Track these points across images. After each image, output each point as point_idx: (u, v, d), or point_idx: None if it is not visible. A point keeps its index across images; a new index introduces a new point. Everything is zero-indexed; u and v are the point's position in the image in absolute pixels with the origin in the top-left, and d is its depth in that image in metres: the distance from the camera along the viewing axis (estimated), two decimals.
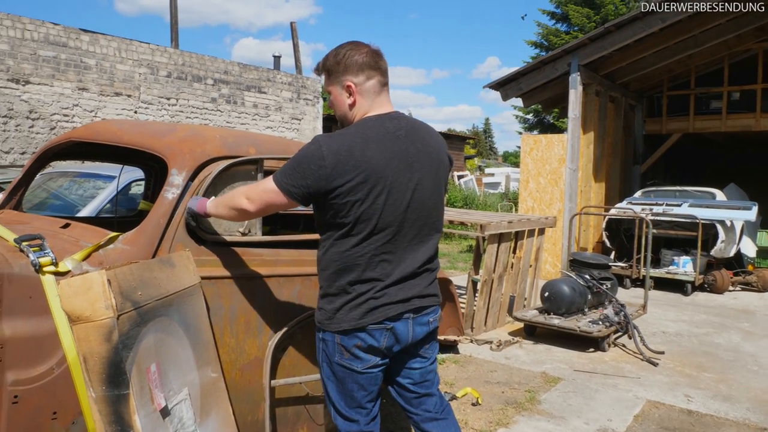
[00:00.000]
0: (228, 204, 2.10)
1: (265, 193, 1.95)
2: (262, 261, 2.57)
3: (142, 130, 2.68)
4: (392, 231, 1.89)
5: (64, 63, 8.26)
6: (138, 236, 2.29)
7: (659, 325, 6.33)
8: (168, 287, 1.98)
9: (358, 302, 1.90)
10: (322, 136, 1.89)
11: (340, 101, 1.99)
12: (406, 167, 1.90)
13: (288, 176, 1.89)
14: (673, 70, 10.82)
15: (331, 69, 1.98)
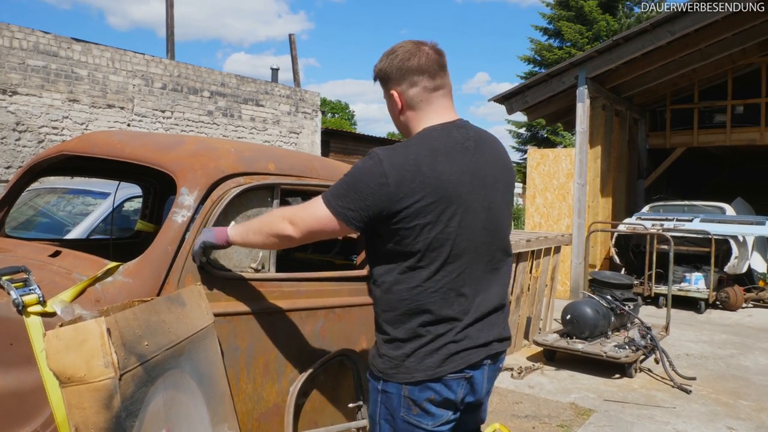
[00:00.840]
0: (264, 230, 1.75)
1: (314, 218, 1.62)
2: (282, 293, 2.24)
3: (146, 143, 2.36)
4: (468, 259, 1.61)
5: (54, 73, 7.92)
6: (142, 267, 1.96)
7: (680, 346, 6.04)
8: (178, 332, 1.64)
9: (435, 347, 1.58)
10: (381, 149, 1.59)
11: (391, 110, 1.77)
12: (479, 183, 1.63)
13: (342, 198, 1.57)
14: (677, 84, 10.67)
15: (378, 77, 1.75)
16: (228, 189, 2.15)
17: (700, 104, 10.85)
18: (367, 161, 1.57)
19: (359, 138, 18.78)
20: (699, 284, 8.32)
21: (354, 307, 2.47)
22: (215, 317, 2.01)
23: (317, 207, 1.62)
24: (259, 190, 2.23)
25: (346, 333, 2.44)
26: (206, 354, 1.82)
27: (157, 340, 1.53)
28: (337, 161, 2.93)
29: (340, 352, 2.39)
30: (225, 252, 2.15)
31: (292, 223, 1.66)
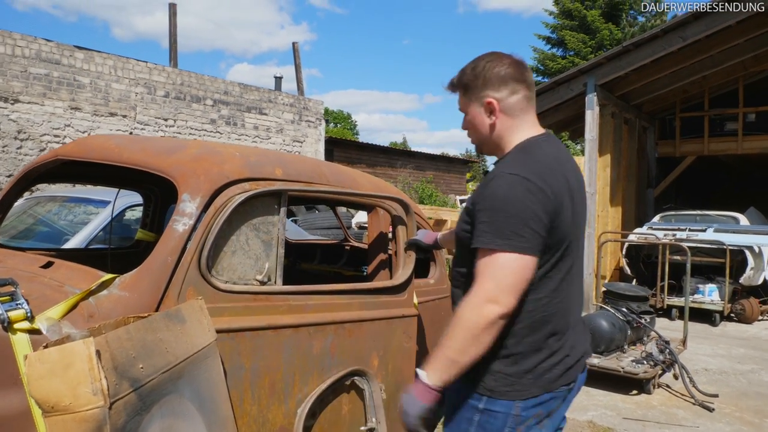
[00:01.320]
0: (471, 335, 1.45)
1: (514, 274, 1.44)
2: (289, 308, 2.09)
3: (145, 147, 2.22)
4: (577, 268, 1.66)
5: (56, 81, 7.83)
6: (139, 279, 1.81)
7: (698, 361, 5.85)
8: (177, 352, 1.49)
9: (554, 361, 1.57)
10: (507, 167, 1.55)
11: (479, 121, 1.68)
12: (570, 197, 1.60)
13: (522, 232, 1.44)
14: (687, 92, 10.52)
15: (468, 84, 1.67)
16: (232, 195, 2.00)
17: (710, 112, 10.70)
18: (513, 186, 1.47)
19: (363, 147, 18.68)
20: (713, 296, 8.12)
21: (365, 322, 2.32)
22: (218, 334, 1.86)
23: (505, 262, 1.44)
24: (265, 196, 2.09)
25: (357, 350, 2.28)
26: (208, 375, 1.67)
27: (154, 362, 1.37)
28: (346, 167, 2.78)
29: (351, 370, 2.23)
30: (229, 262, 2.00)
31: (494, 300, 1.43)
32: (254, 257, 2.06)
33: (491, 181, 1.53)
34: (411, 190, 18.16)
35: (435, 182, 21.27)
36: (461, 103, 1.71)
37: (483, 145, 1.73)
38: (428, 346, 2.89)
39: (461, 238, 1.65)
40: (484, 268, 1.47)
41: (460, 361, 1.47)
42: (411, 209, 2.61)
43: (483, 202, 1.51)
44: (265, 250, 2.09)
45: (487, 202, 1.49)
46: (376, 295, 2.38)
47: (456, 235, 1.70)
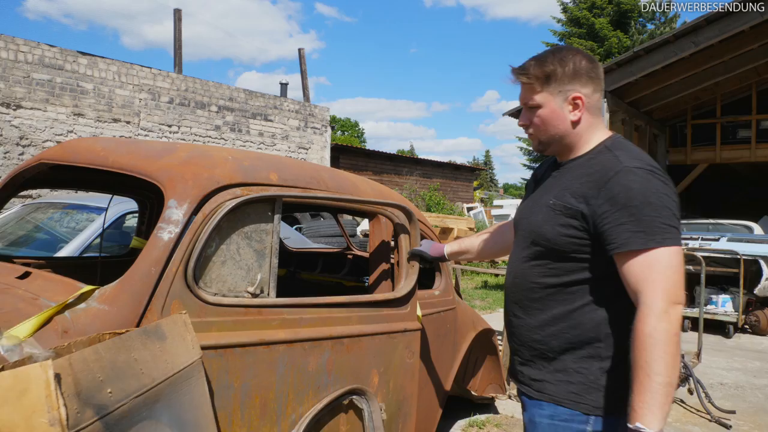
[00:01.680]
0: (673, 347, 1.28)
1: (678, 269, 1.34)
2: (282, 322, 1.96)
3: (133, 150, 2.10)
4: None
5: (59, 87, 7.76)
6: (120, 291, 1.69)
7: (713, 374, 5.65)
8: (154, 373, 1.36)
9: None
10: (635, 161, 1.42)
11: (558, 116, 1.54)
12: None
13: (672, 220, 1.36)
14: (699, 98, 10.35)
15: (552, 75, 1.52)
16: (223, 201, 1.88)
17: (722, 119, 10.52)
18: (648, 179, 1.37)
19: (370, 154, 18.57)
20: (726, 307, 7.91)
21: (365, 337, 2.18)
22: (204, 351, 1.73)
23: (668, 258, 1.32)
24: (258, 203, 1.96)
25: (356, 367, 2.14)
26: (190, 397, 1.53)
27: (125, 386, 1.24)
28: (347, 172, 2.66)
29: (350, 389, 2.09)
30: (218, 273, 1.87)
31: (677, 301, 1.31)
32: (246, 268, 1.94)
33: (615, 179, 1.38)
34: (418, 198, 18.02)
35: (442, 190, 21.13)
36: (535, 94, 1.53)
37: (555, 142, 1.56)
38: (433, 361, 2.75)
39: (561, 245, 1.46)
40: (648, 270, 1.32)
41: (674, 383, 1.28)
42: (414, 217, 2.48)
43: (614, 201, 1.36)
44: (258, 260, 1.96)
45: (622, 200, 1.35)
46: (377, 308, 2.24)
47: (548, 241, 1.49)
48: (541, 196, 1.57)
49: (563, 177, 1.53)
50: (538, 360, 1.55)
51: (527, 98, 1.55)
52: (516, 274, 1.61)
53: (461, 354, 3.14)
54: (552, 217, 1.48)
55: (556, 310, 1.50)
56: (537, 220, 1.53)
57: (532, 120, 1.57)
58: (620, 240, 1.35)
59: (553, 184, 1.55)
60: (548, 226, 1.49)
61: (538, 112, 1.54)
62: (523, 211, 1.66)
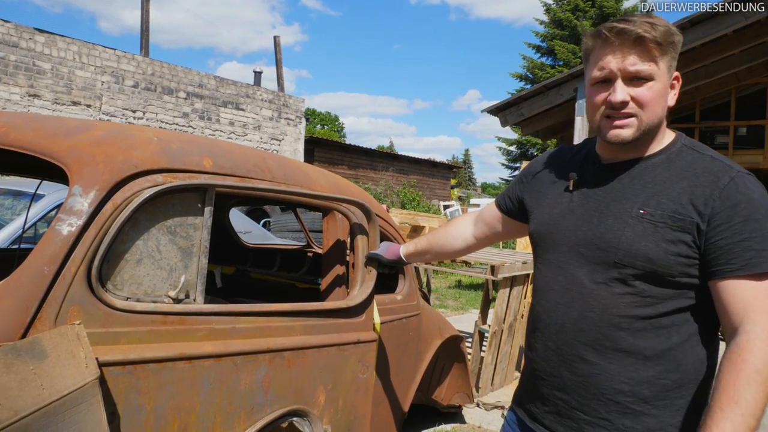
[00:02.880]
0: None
1: None
2: (210, 332, 1.67)
3: (40, 127, 1.79)
4: None
5: (13, 65, 7.30)
6: (3, 296, 1.39)
7: None
8: (19, 404, 1.06)
9: None
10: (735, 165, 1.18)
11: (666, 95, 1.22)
12: None
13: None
14: (678, 102, 10.28)
15: (674, 46, 1.20)
16: (140, 189, 1.59)
17: (701, 124, 10.47)
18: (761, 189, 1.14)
19: (345, 148, 18.26)
20: None
21: (310, 350, 1.91)
22: (108, 368, 1.44)
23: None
24: (183, 192, 1.67)
25: (298, 384, 1.87)
26: (79, 427, 1.24)
27: None
28: (302, 162, 2.37)
29: (289, 410, 1.82)
30: (131, 274, 1.58)
31: None
32: (167, 268, 1.65)
33: (731, 186, 1.13)
34: (392, 194, 17.78)
35: (419, 187, 20.91)
36: (655, 63, 1.17)
37: (654, 129, 1.22)
38: (392, 374, 2.49)
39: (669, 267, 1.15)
40: (765, 297, 1.09)
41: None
42: (374, 215, 2.21)
43: (733, 212, 1.11)
44: (183, 259, 1.67)
45: (744, 212, 1.11)
46: (326, 318, 1.97)
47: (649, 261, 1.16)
48: (609, 204, 1.24)
49: (644, 179, 1.22)
50: (618, 418, 1.20)
51: (642, 65, 1.16)
52: (585, 306, 1.22)
53: (425, 364, 2.89)
54: (652, 231, 1.16)
55: (649, 349, 1.18)
56: (625, 235, 1.18)
57: (639, 95, 1.18)
58: (741, 260, 1.09)
59: (628, 189, 1.23)
60: (649, 243, 1.16)
61: (650, 85, 1.17)
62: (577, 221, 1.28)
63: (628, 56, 1.17)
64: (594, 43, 1.22)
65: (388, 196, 17.33)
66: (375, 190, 16.59)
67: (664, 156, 1.23)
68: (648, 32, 1.15)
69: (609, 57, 1.18)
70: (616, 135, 1.20)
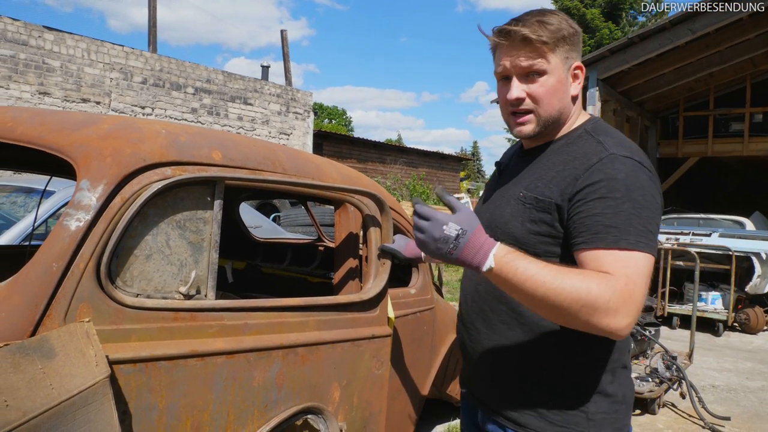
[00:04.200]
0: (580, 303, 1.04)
1: (645, 280, 1.10)
2: (222, 329, 1.64)
3: (47, 121, 1.76)
4: None
5: (23, 63, 7.32)
6: (11, 293, 1.36)
7: (704, 376, 5.42)
8: (27, 404, 1.03)
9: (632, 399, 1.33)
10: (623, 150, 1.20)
11: (564, 87, 1.28)
12: None
13: (654, 228, 1.14)
14: (692, 89, 10.12)
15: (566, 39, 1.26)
16: (148, 183, 1.55)
17: (716, 111, 10.29)
18: (637, 173, 1.15)
19: (354, 141, 18.21)
20: (716, 304, 7.72)
21: (324, 345, 1.87)
22: (119, 366, 1.41)
23: (642, 265, 1.09)
24: (192, 185, 1.63)
25: (313, 380, 1.83)
26: (90, 427, 1.21)
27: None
28: (313, 155, 2.33)
29: (304, 407, 1.78)
30: (141, 270, 1.54)
31: (629, 316, 1.05)
32: (177, 263, 1.61)
33: (597, 166, 1.17)
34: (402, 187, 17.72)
35: (428, 179, 20.82)
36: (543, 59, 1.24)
37: (555, 121, 1.29)
38: (407, 369, 2.45)
39: (530, 245, 1.22)
40: (626, 262, 1.09)
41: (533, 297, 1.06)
42: (387, 207, 2.16)
43: (591, 190, 1.15)
44: (193, 254, 1.64)
45: (602, 190, 1.13)
46: (340, 312, 1.93)
47: (515, 240, 1.23)
48: (509, 188, 1.35)
49: (537, 164, 1.31)
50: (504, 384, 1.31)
51: (531, 62, 1.24)
52: (478, 280, 1.34)
53: (440, 358, 2.84)
54: (521, 211, 1.26)
55: (528, 320, 1.27)
56: (503, 214, 1.30)
57: (533, 91, 1.26)
58: (588, 234, 1.13)
59: (525, 174, 1.33)
60: (516, 223, 1.26)
61: (542, 81, 1.25)
62: (487, 205, 1.41)
63: (519, 55, 1.25)
64: (493, 43, 1.31)
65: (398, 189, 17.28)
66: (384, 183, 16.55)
67: (564, 141, 1.30)
68: (534, 32, 1.23)
69: (504, 56, 1.27)
70: (519, 131, 1.31)
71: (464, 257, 1.07)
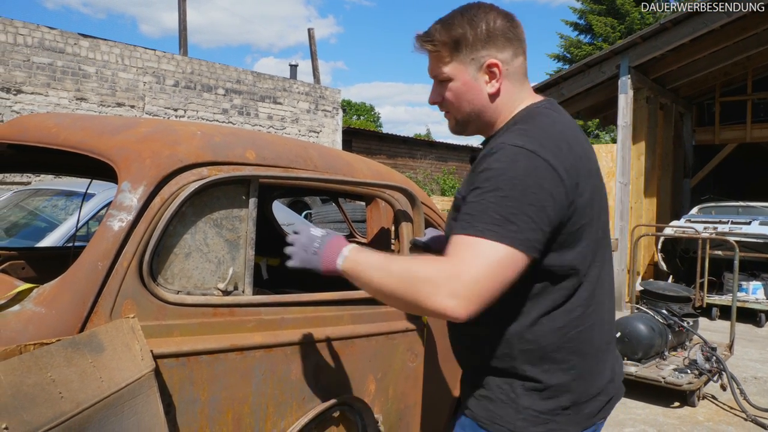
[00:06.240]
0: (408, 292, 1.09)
1: (490, 270, 1.06)
2: (260, 323, 1.68)
3: (88, 126, 1.83)
4: (608, 267, 1.33)
5: (60, 70, 7.55)
6: (61, 291, 1.42)
7: (745, 367, 5.29)
8: (80, 396, 1.09)
9: (598, 389, 1.29)
10: (518, 138, 1.17)
11: (473, 89, 1.29)
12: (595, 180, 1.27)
13: (516, 219, 1.08)
14: (729, 74, 9.82)
15: (461, 40, 1.26)
16: (185, 183, 1.60)
17: (754, 96, 9.97)
18: (517, 159, 1.12)
19: (383, 137, 18.23)
20: (757, 294, 7.52)
21: (359, 339, 1.90)
22: (163, 360, 1.46)
23: (484, 252, 1.06)
24: (228, 184, 1.68)
25: (348, 373, 1.87)
26: (137, 419, 1.27)
27: (32, 417, 0.97)
28: (343, 151, 2.36)
29: (341, 399, 1.82)
30: (181, 267, 1.60)
31: (456, 296, 1.04)
32: (215, 260, 1.66)
33: (486, 157, 1.19)
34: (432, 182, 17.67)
35: (458, 174, 20.71)
36: (444, 65, 1.29)
37: (473, 121, 1.33)
38: (440, 362, 2.46)
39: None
40: (461, 251, 1.09)
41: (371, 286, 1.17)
42: (418, 201, 2.17)
43: (472, 185, 1.18)
44: (230, 252, 1.69)
45: (478, 182, 1.15)
46: (373, 306, 1.96)
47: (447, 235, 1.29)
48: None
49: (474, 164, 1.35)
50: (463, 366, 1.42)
51: (436, 70, 1.31)
52: None
53: None
54: (452, 212, 1.34)
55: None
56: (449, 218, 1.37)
57: (444, 96, 1.32)
58: (456, 223, 1.16)
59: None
60: (450, 221, 1.33)
61: (449, 86, 1.30)
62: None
63: (429, 62, 1.32)
64: None
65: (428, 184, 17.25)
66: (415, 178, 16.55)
67: (493, 137, 1.31)
68: (430, 41, 1.28)
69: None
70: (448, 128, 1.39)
71: (326, 257, 1.23)
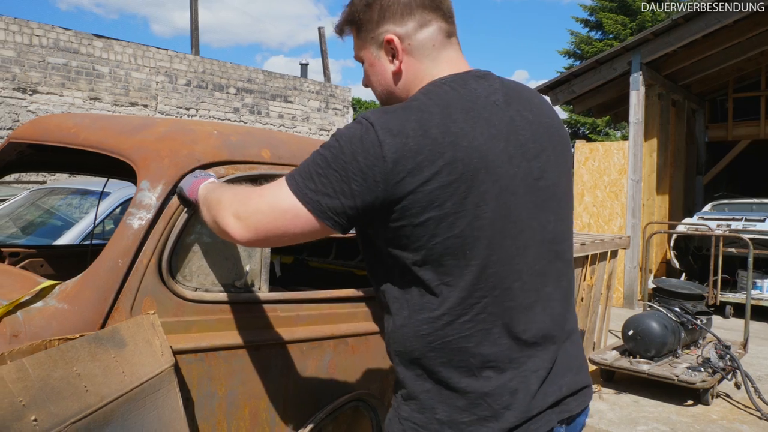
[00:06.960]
0: (212, 210, 1.24)
1: (272, 211, 1.08)
2: (276, 320, 1.71)
3: (106, 126, 1.86)
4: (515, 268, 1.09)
5: (75, 71, 7.64)
6: (83, 288, 1.45)
7: (759, 366, 5.25)
8: (104, 390, 1.12)
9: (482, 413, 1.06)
10: (372, 112, 1.08)
11: (380, 69, 1.21)
12: (518, 153, 1.10)
13: (317, 178, 1.05)
14: (742, 69, 9.72)
15: (359, 19, 1.20)
16: None
17: (767, 91, 9.86)
18: (352, 127, 1.06)
19: None
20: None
21: (373, 335, 1.92)
22: (182, 355, 1.49)
23: (277, 194, 1.08)
24: (244, 182, 1.70)
25: (363, 369, 1.89)
26: (158, 413, 1.30)
27: (59, 409, 1.00)
28: None
29: (356, 395, 1.84)
30: (199, 265, 1.63)
31: (238, 217, 1.10)
32: (232, 258, 1.69)
33: None
34: None
35: None
36: (356, 47, 1.25)
37: (388, 102, 1.24)
38: None
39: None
40: (267, 187, 1.14)
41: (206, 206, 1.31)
42: None
43: None
44: (247, 249, 1.71)
45: None
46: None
47: None
48: None
49: None
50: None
51: (355, 52, 1.27)
52: None
53: None
54: None
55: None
56: None
57: (365, 78, 1.28)
58: None
59: None
60: None
61: (364, 68, 1.25)
62: None
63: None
64: None
65: None
66: None
67: None
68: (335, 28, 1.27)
69: None
70: None
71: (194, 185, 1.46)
